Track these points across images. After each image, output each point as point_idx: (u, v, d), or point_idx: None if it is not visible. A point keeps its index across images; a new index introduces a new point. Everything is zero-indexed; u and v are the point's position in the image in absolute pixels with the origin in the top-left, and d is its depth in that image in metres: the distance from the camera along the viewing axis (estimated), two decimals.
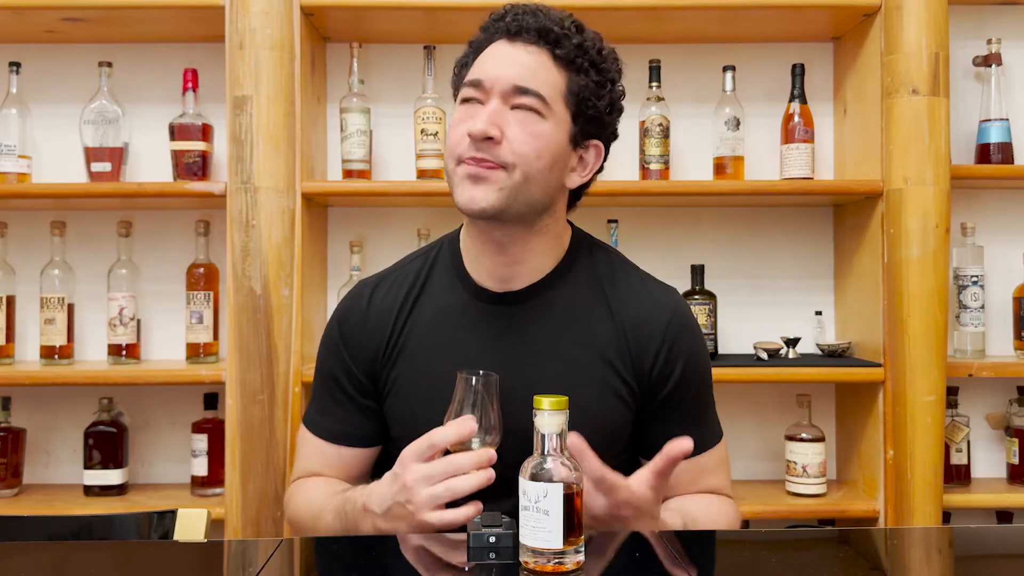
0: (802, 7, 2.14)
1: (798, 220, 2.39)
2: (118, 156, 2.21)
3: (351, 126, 2.20)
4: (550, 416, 1.06)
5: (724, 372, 2.09)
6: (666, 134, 2.21)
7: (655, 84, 2.23)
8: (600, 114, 1.28)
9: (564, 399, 1.07)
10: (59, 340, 2.21)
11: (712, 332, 2.22)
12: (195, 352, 2.22)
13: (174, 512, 1.38)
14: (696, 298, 2.22)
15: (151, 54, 2.35)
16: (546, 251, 1.31)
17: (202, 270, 2.24)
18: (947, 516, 2.17)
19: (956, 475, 2.24)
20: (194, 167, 2.18)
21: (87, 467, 2.19)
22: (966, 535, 1.38)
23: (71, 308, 2.24)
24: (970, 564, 1.22)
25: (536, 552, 1.03)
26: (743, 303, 2.37)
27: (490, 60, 1.25)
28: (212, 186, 2.12)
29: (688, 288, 2.24)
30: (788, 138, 2.22)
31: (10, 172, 2.18)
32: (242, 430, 2.03)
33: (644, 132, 2.21)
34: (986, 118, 2.28)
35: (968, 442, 2.27)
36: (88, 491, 2.19)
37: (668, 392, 1.32)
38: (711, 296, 2.23)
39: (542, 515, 1.02)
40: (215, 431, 2.19)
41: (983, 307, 2.27)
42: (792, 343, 2.21)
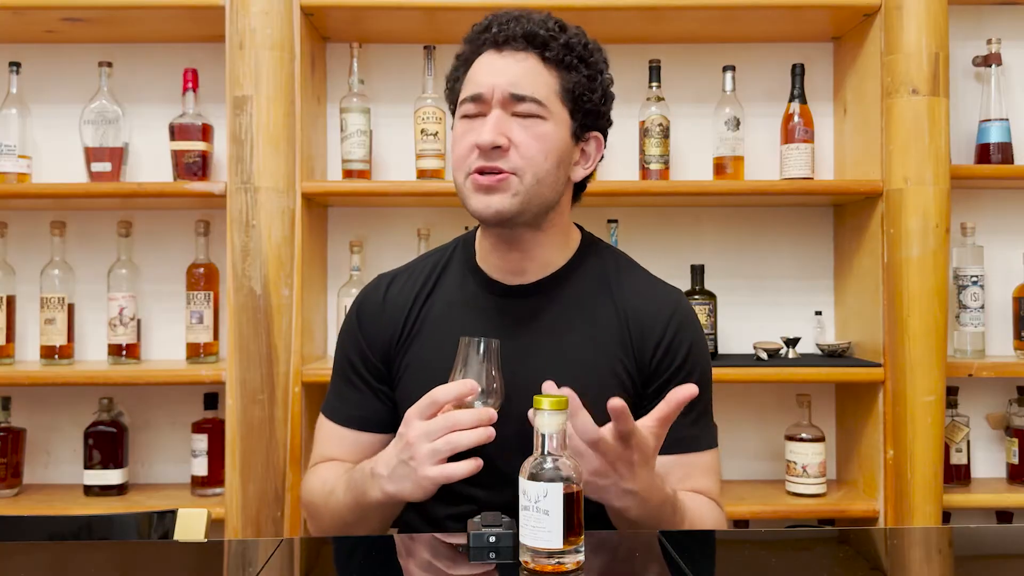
0: (802, 7, 2.14)
1: (798, 220, 2.39)
2: (118, 156, 2.21)
3: (351, 126, 2.20)
4: (550, 416, 1.06)
5: (724, 372, 2.09)
6: (666, 134, 2.21)
7: (655, 84, 2.23)
8: (596, 106, 1.33)
9: (564, 399, 1.07)
10: (59, 340, 2.21)
11: (712, 332, 2.22)
12: (195, 352, 2.22)
13: (174, 512, 1.39)
14: (696, 298, 2.22)
15: (151, 54, 2.35)
16: (555, 247, 1.37)
17: (202, 270, 2.24)
18: (947, 516, 2.17)
19: (956, 475, 2.24)
20: (194, 167, 2.18)
21: (87, 467, 2.19)
22: (966, 535, 1.38)
23: (71, 308, 2.25)
24: (970, 564, 1.22)
25: (536, 552, 1.03)
26: (743, 303, 2.37)
27: (483, 73, 1.28)
28: (212, 186, 2.12)
29: (688, 288, 2.23)
30: (788, 138, 2.22)
31: (10, 172, 2.18)
32: (242, 430, 2.03)
33: (644, 132, 2.21)
34: (986, 118, 2.28)
35: (968, 442, 2.27)
36: (88, 491, 2.19)
37: (666, 381, 1.34)
38: (711, 296, 2.23)
39: (542, 515, 1.02)
40: (215, 431, 2.19)
41: (983, 307, 2.27)
42: (792, 343, 2.21)
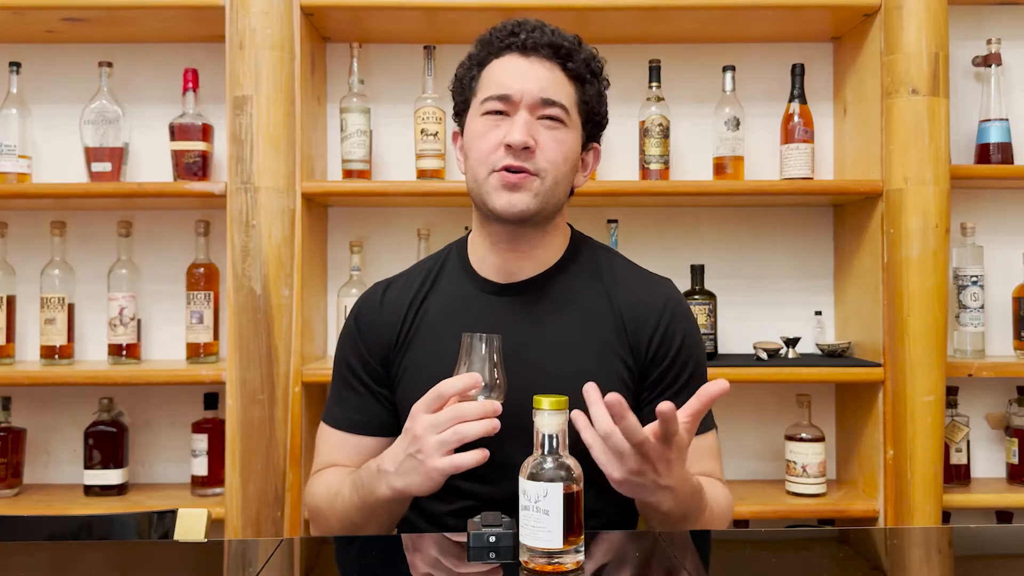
0: (802, 7, 2.14)
1: (798, 220, 2.39)
2: (118, 156, 2.21)
3: (351, 126, 2.20)
4: (550, 416, 1.06)
5: (724, 372, 2.09)
6: (666, 134, 2.21)
7: (655, 84, 2.23)
8: (602, 119, 1.41)
9: (564, 399, 1.07)
10: (59, 340, 2.21)
11: (712, 332, 2.22)
12: (195, 352, 2.22)
13: (174, 512, 1.39)
14: (696, 298, 2.22)
15: (151, 54, 2.35)
16: (551, 246, 1.41)
17: (202, 270, 2.24)
18: (947, 516, 2.17)
19: (956, 475, 2.24)
20: (194, 167, 2.18)
21: (87, 467, 2.19)
22: (966, 535, 1.38)
23: (71, 308, 2.25)
24: (970, 564, 1.22)
25: (536, 552, 1.03)
26: (743, 303, 2.37)
27: (512, 75, 1.33)
28: (212, 186, 2.12)
29: (688, 288, 2.23)
30: (788, 138, 2.22)
31: (10, 172, 2.18)
32: (242, 430, 2.03)
33: (644, 132, 2.21)
34: (986, 118, 2.28)
35: (968, 442, 2.27)
36: (88, 491, 2.19)
37: (664, 371, 1.38)
38: (711, 296, 2.23)
39: (542, 515, 1.02)
40: (215, 431, 2.19)
41: (983, 307, 2.27)
42: (792, 343, 2.21)
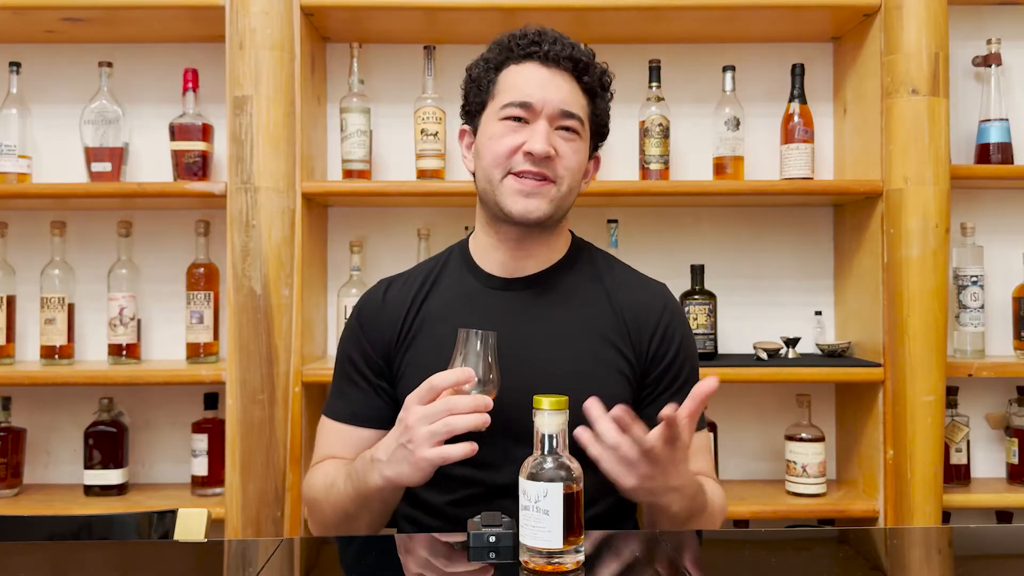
0: (802, 7, 2.14)
1: (798, 220, 2.39)
2: (118, 156, 2.21)
3: (351, 126, 2.20)
4: (550, 416, 1.06)
5: (724, 372, 2.09)
6: (666, 134, 2.21)
7: (655, 84, 2.23)
8: (607, 131, 1.47)
9: (564, 399, 1.07)
10: (59, 340, 2.21)
11: (712, 332, 2.21)
12: (195, 352, 2.22)
13: (174, 512, 1.39)
14: (696, 298, 2.21)
15: (151, 54, 2.35)
16: (553, 246, 1.45)
17: (202, 270, 2.24)
18: (947, 516, 2.17)
19: (956, 475, 2.24)
20: (194, 167, 2.18)
21: (87, 467, 2.19)
22: (966, 535, 1.38)
23: (71, 308, 2.24)
24: (970, 564, 1.22)
25: (536, 552, 1.03)
26: (743, 303, 2.37)
27: (533, 84, 1.36)
28: (212, 186, 2.12)
29: (688, 288, 2.23)
30: (788, 138, 2.22)
31: (10, 172, 2.18)
32: (242, 430, 2.03)
33: (644, 132, 2.21)
34: (986, 118, 2.28)
35: (968, 442, 2.27)
36: (88, 491, 2.19)
37: (663, 370, 1.43)
38: (711, 296, 2.23)
39: (542, 515, 1.02)
40: (215, 431, 2.19)
41: (983, 307, 2.27)
42: (792, 343, 2.21)
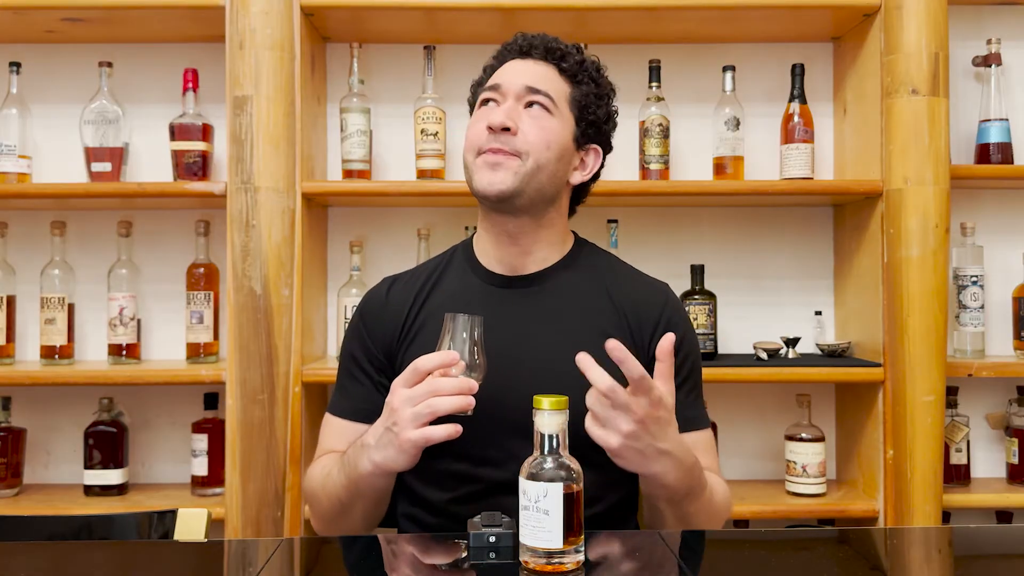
0: (802, 7, 2.14)
1: (798, 220, 2.39)
2: (118, 156, 2.21)
3: (351, 126, 2.20)
4: (550, 416, 1.06)
5: (724, 372, 2.09)
6: (666, 134, 2.21)
7: (655, 84, 2.23)
8: (599, 120, 1.45)
9: (564, 399, 1.07)
10: (59, 340, 2.21)
11: (712, 332, 2.21)
12: (195, 352, 2.22)
13: (174, 512, 1.39)
14: (696, 298, 2.21)
15: (151, 54, 2.35)
16: (552, 244, 1.45)
17: (202, 270, 2.24)
18: (947, 516, 2.17)
19: (956, 475, 2.24)
20: (194, 167, 2.18)
21: (87, 467, 2.19)
22: (966, 535, 1.38)
23: (71, 308, 2.24)
24: (970, 564, 1.22)
25: (536, 552, 1.03)
26: (743, 303, 2.37)
27: (506, 70, 1.44)
28: (212, 186, 2.12)
29: (688, 288, 2.23)
30: (788, 138, 2.22)
31: (10, 172, 2.18)
32: (242, 430, 2.03)
33: (644, 132, 2.21)
34: (986, 118, 2.28)
35: (968, 442, 2.27)
36: (88, 491, 2.19)
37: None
38: (711, 296, 2.23)
39: (542, 515, 1.02)
40: (215, 431, 2.19)
41: (983, 307, 2.27)
42: (792, 343, 2.21)
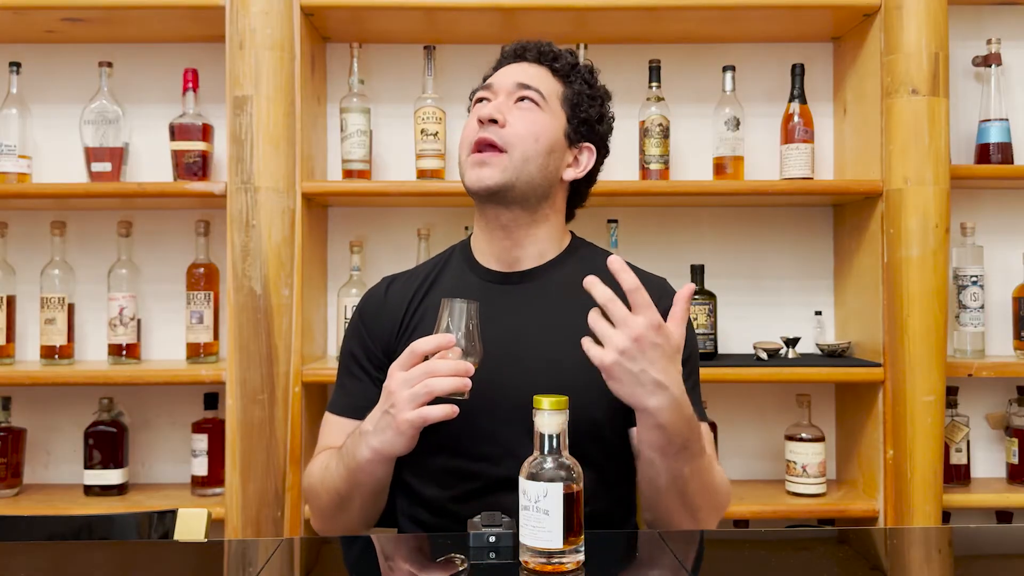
0: (802, 7, 2.14)
1: (798, 220, 2.39)
2: (118, 156, 2.21)
3: (351, 126, 2.20)
4: (550, 416, 1.06)
5: (724, 372, 2.09)
6: (666, 134, 2.21)
7: (655, 84, 2.23)
8: (591, 119, 1.46)
9: (564, 399, 1.07)
10: (59, 340, 2.21)
11: (712, 332, 2.21)
12: (195, 352, 2.22)
13: (174, 512, 1.39)
14: (696, 298, 2.21)
15: (151, 54, 2.35)
16: (547, 240, 1.46)
17: (202, 270, 2.24)
18: (947, 516, 2.17)
19: (956, 475, 2.24)
20: (194, 167, 2.18)
21: (87, 467, 2.19)
22: (966, 535, 1.38)
23: (71, 308, 2.24)
24: (970, 564, 1.22)
25: (536, 552, 1.03)
26: (743, 303, 2.37)
27: (500, 72, 1.48)
28: (212, 186, 2.12)
29: None
30: (788, 138, 2.22)
31: (10, 172, 2.18)
32: (242, 430, 2.03)
33: (644, 132, 2.21)
34: (986, 118, 2.28)
35: (968, 442, 2.27)
36: (88, 491, 2.19)
37: None
38: (711, 296, 2.23)
39: (542, 515, 1.02)
40: (215, 431, 2.19)
41: (983, 307, 2.27)
42: (792, 343, 2.21)
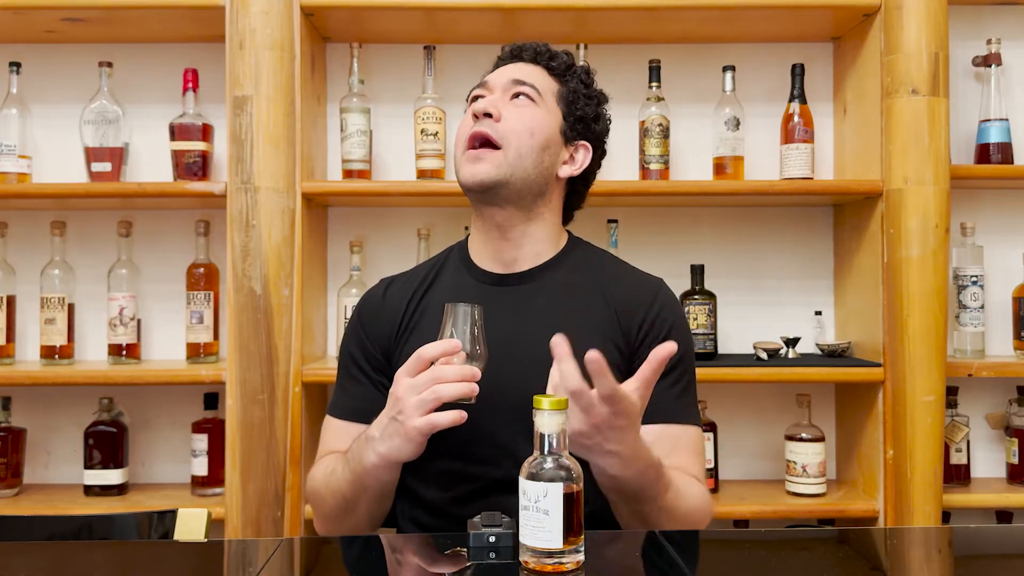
0: (802, 7, 2.14)
1: (798, 220, 2.39)
2: (118, 156, 2.21)
3: (351, 126, 2.20)
4: (550, 416, 1.06)
5: (724, 372, 2.09)
6: (666, 134, 2.21)
7: (655, 84, 2.23)
8: (587, 116, 1.46)
9: (564, 399, 1.07)
10: (59, 340, 2.21)
11: (712, 332, 2.21)
12: (195, 352, 2.22)
13: (174, 512, 1.39)
14: (696, 298, 2.21)
15: (151, 54, 2.35)
16: (544, 240, 1.45)
17: (202, 270, 2.24)
18: (947, 516, 2.17)
19: (956, 475, 2.24)
20: (194, 167, 2.18)
21: (87, 467, 2.19)
22: (966, 535, 1.38)
23: (71, 308, 2.24)
24: (970, 564, 1.22)
25: (536, 552, 1.03)
26: (743, 303, 2.37)
27: (496, 71, 1.49)
28: (212, 186, 2.12)
29: (688, 288, 2.23)
30: (788, 138, 2.22)
31: (10, 172, 2.18)
32: (242, 430, 2.03)
33: (644, 132, 2.21)
34: (986, 118, 2.28)
35: (968, 442, 2.27)
36: (88, 491, 2.19)
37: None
38: (711, 296, 2.23)
39: (542, 515, 1.02)
40: (215, 431, 2.19)
41: (983, 307, 2.27)
42: (792, 343, 2.21)
